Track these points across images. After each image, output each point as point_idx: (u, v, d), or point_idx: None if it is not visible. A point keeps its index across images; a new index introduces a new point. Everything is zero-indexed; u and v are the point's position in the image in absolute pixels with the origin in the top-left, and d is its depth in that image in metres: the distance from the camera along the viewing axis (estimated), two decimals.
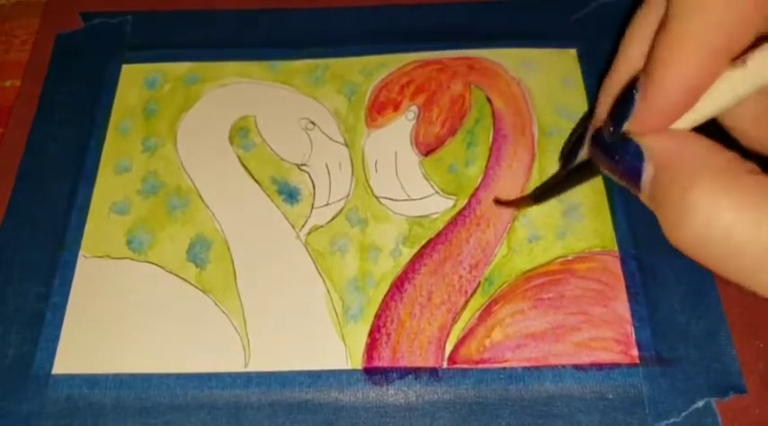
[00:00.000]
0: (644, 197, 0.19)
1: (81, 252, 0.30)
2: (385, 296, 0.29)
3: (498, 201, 0.31)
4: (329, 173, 0.32)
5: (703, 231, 0.16)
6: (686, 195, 0.16)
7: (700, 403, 0.26)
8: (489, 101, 0.34)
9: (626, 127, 0.19)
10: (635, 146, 0.19)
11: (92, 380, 0.27)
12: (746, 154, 0.18)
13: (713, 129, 0.19)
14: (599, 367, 0.27)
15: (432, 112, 0.33)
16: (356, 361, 0.27)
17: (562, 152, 0.31)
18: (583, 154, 0.24)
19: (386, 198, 0.31)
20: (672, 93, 0.17)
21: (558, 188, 0.26)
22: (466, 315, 0.28)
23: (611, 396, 0.26)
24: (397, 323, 0.28)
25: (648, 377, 0.27)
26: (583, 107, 0.33)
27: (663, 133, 0.19)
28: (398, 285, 0.29)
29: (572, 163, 0.25)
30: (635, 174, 0.18)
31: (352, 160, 0.32)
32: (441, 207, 0.31)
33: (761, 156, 0.21)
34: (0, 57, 0.37)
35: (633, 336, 0.27)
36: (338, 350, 0.28)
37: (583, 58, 0.35)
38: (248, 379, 0.27)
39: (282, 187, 0.32)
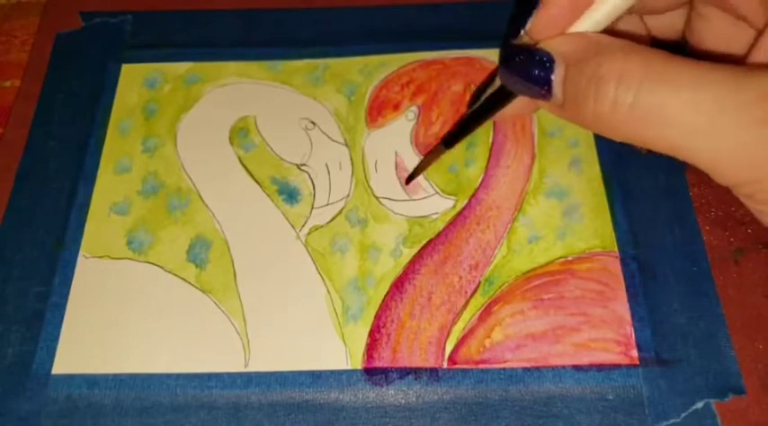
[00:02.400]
0: (555, 105, 0.21)
1: (81, 252, 0.30)
2: (385, 296, 0.29)
3: (409, 179, 0.31)
4: (329, 172, 0.32)
5: (636, 105, 0.18)
6: (603, 76, 0.19)
7: (699, 404, 0.26)
8: None
9: (529, 28, 0.21)
10: (543, 52, 0.21)
11: (91, 380, 0.27)
12: None
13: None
14: (599, 367, 0.27)
15: (432, 112, 0.33)
16: (356, 361, 0.27)
17: (470, 97, 0.32)
18: (489, 90, 0.25)
19: (386, 198, 0.31)
20: None
21: (469, 125, 0.26)
22: (466, 316, 0.28)
23: (610, 397, 0.26)
24: (397, 324, 0.28)
25: (648, 377, 0.27)
26: None
27: (567, 35, 0.21)
28: (398, 285, 0.29)
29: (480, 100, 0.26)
30: (545, 80, 0.20)
31: (352, 160, 0.32)
32: (441, 207, 0.31)
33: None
34: (0, 57, 0.37)
35: (633, 337, 0.27)
36: (338, 351, 0.28)
37: None
38: (248, 379, 0.27)
39: (282, 187, 0.32)
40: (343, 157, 0.33)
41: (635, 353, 0.27)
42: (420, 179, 0.32)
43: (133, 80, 0.35)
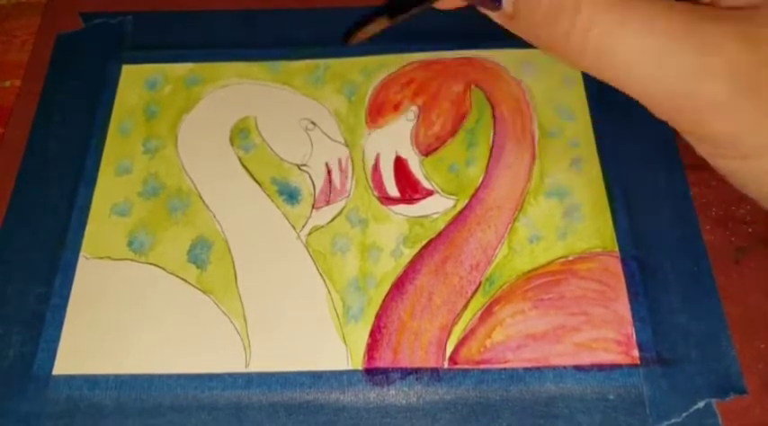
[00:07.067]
0: (504, 15, 0.21)
1: (82, 254, 0.30)
2: (386, 296, 0.29)
3: (346, 36, 0.29)
4: (330, 173, 0.32)
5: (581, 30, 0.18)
6: (562, 3, 0.18)
7: (700, 404, 0.26)
8: (489, 101, 0.34)
9: None
10: None
11: (92, 381, 0.27)
12: None
13: None
14: (600, 367, 0.27)
15: (432, 113, 0.33)
16: (357, 362, 0.27)
17: None
18: None
19: (386, 198, 0.31)
20: None
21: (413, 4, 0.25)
22: (467, 316, 0.28)
23: (611, 397, 0.26)
24: (397, 324, 0.28)
25: (649, 377, 0.27)
26: (583, 107, 0.33)
27: None
28: (399, 285, 0.29)
29: None
30: None
31: (352, 160, 0.32)
32: (441, 207, 0.31)
33: None
34: (0, 57, 0.37)
35: (634, 337, 0.27)
36: (339, 351, 0.28)
37: None
38: (249, 380, 0.27)
39: (283, 187, 0.32)
40: (343, 157, 0.32)
41: (636, 353, 0.27)
42: (420, 178, 0.32)
43: (133, 81, 0.35)
